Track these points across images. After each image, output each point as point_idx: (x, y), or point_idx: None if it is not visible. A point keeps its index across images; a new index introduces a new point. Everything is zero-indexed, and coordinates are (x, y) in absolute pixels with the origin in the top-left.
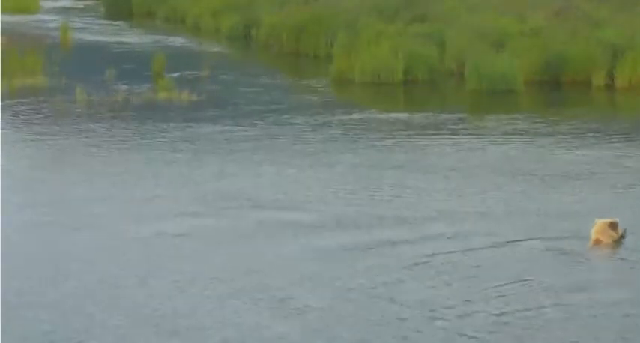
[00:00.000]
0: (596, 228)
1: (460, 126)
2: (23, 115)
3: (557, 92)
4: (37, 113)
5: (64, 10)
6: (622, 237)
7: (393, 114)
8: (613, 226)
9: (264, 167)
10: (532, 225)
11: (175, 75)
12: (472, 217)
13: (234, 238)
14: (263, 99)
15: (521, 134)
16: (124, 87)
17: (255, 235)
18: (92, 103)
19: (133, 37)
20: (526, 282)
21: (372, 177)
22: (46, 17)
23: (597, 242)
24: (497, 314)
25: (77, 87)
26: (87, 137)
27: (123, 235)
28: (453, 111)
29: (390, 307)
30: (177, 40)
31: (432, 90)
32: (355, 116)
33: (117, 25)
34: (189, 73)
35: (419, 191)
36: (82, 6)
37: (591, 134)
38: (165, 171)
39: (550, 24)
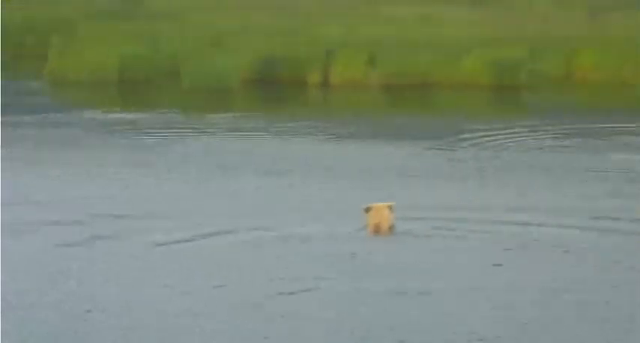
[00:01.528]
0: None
1: (175, 125)
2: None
3: (274, 90)
4: None
5: None
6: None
7: (109, 115)
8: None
9: None
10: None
11: None
12: (190, 213)
13: None
14: None
15: (237, 131)
16: None
17: None
18: None
19: None
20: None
21: (93, 176)
22: None
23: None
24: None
25: None
26: None
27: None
28: (169, 110)
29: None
30: None
31: (149, 90)
32: (71, 116)
33: None
34: None
35: (136, 188)
36: None
37: (305, 130)
38: None
39: (270, 22)
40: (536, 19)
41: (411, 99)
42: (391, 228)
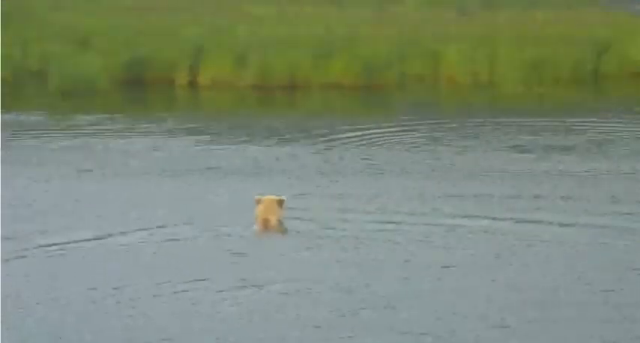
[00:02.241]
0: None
1: (43, 127)
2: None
3: (142, 91)
4: None
5: None
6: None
7: None
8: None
9: None
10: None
11: None
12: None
13: None
14: None
15: (102, 132)
16: None
17: None
18: None
19: None
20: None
21: None
22: None
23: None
24: None
25: None
26: None
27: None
28: (35, 112)
29: None
30: None
31: (16, 91)
32: None
33: None
34: None
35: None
36: None
37: (173, 131)
38: None
39: (137, 22)
40: (404, 19)
41: (280, 100)
42: (279, 224)
